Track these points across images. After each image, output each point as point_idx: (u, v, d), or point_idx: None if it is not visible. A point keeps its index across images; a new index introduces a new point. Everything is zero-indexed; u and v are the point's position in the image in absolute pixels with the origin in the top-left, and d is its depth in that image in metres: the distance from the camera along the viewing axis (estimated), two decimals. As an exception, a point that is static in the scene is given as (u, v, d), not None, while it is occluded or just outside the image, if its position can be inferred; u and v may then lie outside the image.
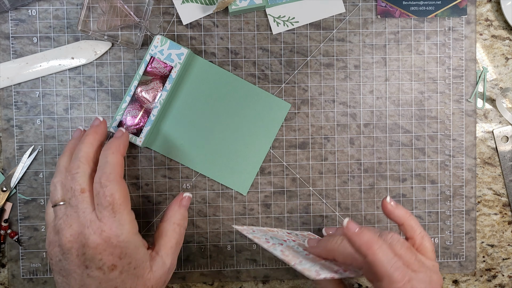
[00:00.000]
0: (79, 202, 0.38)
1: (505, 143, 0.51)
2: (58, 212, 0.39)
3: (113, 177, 0.38)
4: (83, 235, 0.37)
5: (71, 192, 0.38)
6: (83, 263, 0.37)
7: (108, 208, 0.38)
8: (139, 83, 0.46)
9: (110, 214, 0.38)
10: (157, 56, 0.46)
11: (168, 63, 0.46)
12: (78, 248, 0.37)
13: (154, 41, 0.46)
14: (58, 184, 0.40)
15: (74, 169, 0.39)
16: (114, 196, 0.38)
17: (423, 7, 0.50)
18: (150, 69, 0.46)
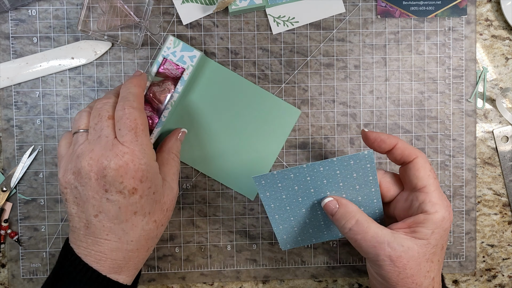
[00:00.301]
0: (104, 127, 0.38)
1: (505, 143, 0.51)
2: (79, 138, 0.39)
3: (136, 105, 0.39)
4: (104, 157, 0.37)
5: (98, 118, 0.39)
6: (103, 187, 0.37)
7: (131, 132, 0.38)
8: (151, 84, 0.46)
9: (133, 138, 0.38)
10: (170, 58, 0.46)
11: (181, 65, 0.46)
12: (98, 171, 0.37)
13: (167, 43, 0.45)
14: (84, 113, 0.40)
15: (105, 99, 0.40)
16: (137, 122, 0.38)
17: (423, 7, 0.50)
18: (162, 70, 0.46)
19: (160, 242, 0.49)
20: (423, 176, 0.40)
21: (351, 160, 0.39)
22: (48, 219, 0.49)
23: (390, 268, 0.38)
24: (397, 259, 0.37)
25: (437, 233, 0.38)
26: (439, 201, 0.39)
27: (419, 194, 0.40)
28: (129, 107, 0.39)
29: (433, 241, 0.38)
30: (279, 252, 0.50)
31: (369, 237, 0.38)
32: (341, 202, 0.40)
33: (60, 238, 0.49)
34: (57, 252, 0.49)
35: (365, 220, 0.39)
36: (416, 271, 0.38)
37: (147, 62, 0.49)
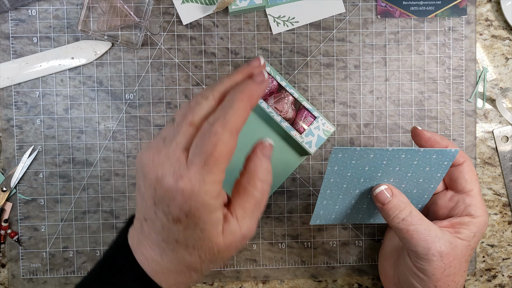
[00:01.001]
0: (180, 132, 0.32)
1: (505, 143, 0.51)
2: (167, 127, 0.33)
3: (229, 126, 0.31)
4: (162, 168, 0.31)
5: (180, 118, 0.33)
6: (153, 197, 0.32)
7: (202, 157, 0.31)
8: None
9: (199, 165, 0.31)
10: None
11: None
12: (152, 178, 0.32)
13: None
14: (190, 102, 0.34)
15: (199, 98, 0.33)
16: (216, 148, 0.31)
17: (423, 7, 0.50)
18: None
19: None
20: (471, 179, 0.41)
21: (434, 154, 0.39)
22: (48, 219, 0.49)
23: (438, 263, 0.38)
24: (446, 256, 0.38)
25: (477, 236, 0.40)
26: (483, 206, 0.41)
27: (466, 197, 0.41)
28: (219, 126, 0.31)
29: (473, 243, 0.40)
30: (279, 252, 0.50)
31: (422, 230, 0.38)
32: (395, 192, 0.40)
33: (60, 238, 0.49)
34: (57, 252, 0.49)
35: (418, 213, 0.39)
36: (458, 270, 0.39)
37: (147, 62, 0.49)
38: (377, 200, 0.40)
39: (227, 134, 0.31)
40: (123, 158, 0.49)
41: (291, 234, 0.50)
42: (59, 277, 0.49)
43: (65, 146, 0.49)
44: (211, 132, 0.31)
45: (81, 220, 0.49)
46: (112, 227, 0.49)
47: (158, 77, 0.49)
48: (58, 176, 0.49)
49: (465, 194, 0.41)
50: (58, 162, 0.49)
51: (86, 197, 0.49)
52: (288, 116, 0.48)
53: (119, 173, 0.49)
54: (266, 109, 0.47)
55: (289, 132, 0.47)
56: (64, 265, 0.49)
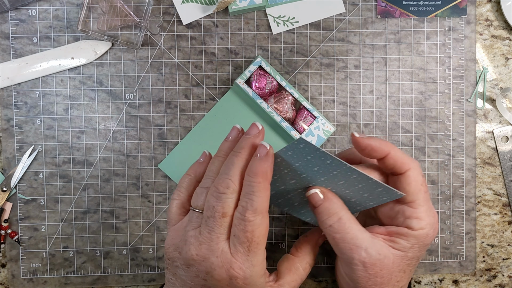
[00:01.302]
0: (216, 225, 0.34)
1: (505, 143, 0.51)
2: (194, 218, 0.36)
3: (260, 209, 0.34)
4: (210, 263, 0.34)
5: (211, 211, 0.35)
6: (202, 284, 0.35)
7: (245, 244, 0.34)
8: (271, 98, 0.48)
9: (245, 252, 0.34)
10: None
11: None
12: (200, 270, 0.35)
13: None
14: (204, 191, 0.36)
15: (222, 188, 0.35)
16: (254, 233, 0.34)
17: (423, 7, 0.50)
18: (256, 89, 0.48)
19: (160, 242, 0.49)
20: (413, 191, 0.37)
21: (381, 188, 0.37)
22: (48, 219, 0.49)
23: (361, 273, 0.36)
24: (370, 266, 0.36)
25: (416, 247, 0.37)
26: (426, 217, 0.38)
27: (406, 209, 0.38)
28: (250, 215, 0.34)
29: (411, 254, 0.37)
30: (279, 252, 0.50)
31: (348, 238, 0.36)
32: (327, 195, 0.37)
33: (60, 238, 0.49)
34: (57, 252, 0.49)
35: (348, 219, 0.37)
36: (387, 280, 0.37)
37: (147, 62, 0.49)
38: (310, 203, 0.38)
39: (259, 218, 0.34)
40: (123, 158, 0.49)
41: (291, 234, 0.50)
42: (59, 277, 0.49)
43: (65, 146, 0.49)
44: (245, 221, 0.34)
45: (81, 220, 0.49)
46: (112, 227, 0.49)
47: (158, 77, 0.49)
48: (58, 176, 0.49)
49: (407, 205, 0.38)
50: (58, 162, 0.49)
51: (86, 197, 0.49)
52: (288, 116, 0.48)
53: (119, 173, 0.49)
54: (266, 109, 0.47)
55: (289, 132, 0.47)
56: (64, 265, 0.49)
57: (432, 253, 0.51)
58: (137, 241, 0.49)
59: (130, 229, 0.49)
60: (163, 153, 0.49)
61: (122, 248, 0.49)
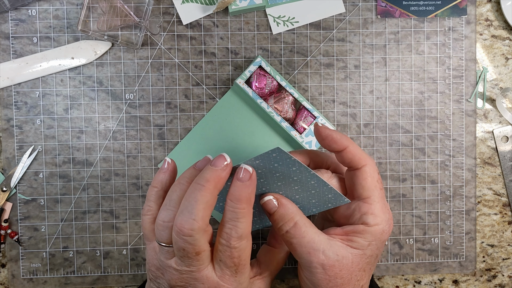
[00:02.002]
0: (193, 261, 0.34)
1: (505, 143, 0.51)
2: (164, 252, 0.35)
3: (244, 236, 0.34)
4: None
5: (184, 253, 0.34)
6: None
7: (232, 269, 0.34)
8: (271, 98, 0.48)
9: (232, 274, 0.35)
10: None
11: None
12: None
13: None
14: (166, 226, 0.35)
15: (186, 230, 0.33)
16: (241, 258, 0.34)
17: (423, 7, 0.50)
18: (256, 89, 0.48)
19: (160, 242, 0.49)
20: (369, 187, 0.38)
21: (331, 194, 0.38)
22: (48, 219, 0.49)
23: (321, 276, 0.37)
24: (329, 268, 0.36)
25: (374, 244, 0.38)
26: (381, 214, 0.38)
27: (362, 205, 0.38)
28: (235, 242, 0.34)
29: (369, 251, 0.38)
30: (279, 252, 0.50)
31: (305, 243, 0.36)
32: (281, 201, 0.37)
33: (60, 238, 0.49)
34: (57, 252, 0.49)
35: (304, 224, 0.37)
36: (347, 280, 0.37)
37: (147, 62, 0.49)
38: (265, 210, 0.38)
39: (244, 242, 0.34)
40: (123, 158, 0.49)
41: (291, 234, 0.50)
42: (59, 277, 0.49)
43: (65, 146, 0.49)
44: (231, 247, 0.34)
45: (81, 220, 0.49)
46: (112, 227, 0.49)
47: (158, 77, 0.49)
48: (58, 176, 0.49)
49: (362, 201, 0.38)
50: (58, 162, 0.49)
51: (86, 197, 0.49)
52: (288, 116, 0.48)
53: (119, 173, 0.49)
54: (266, 109, 0.47)
55: (289, 132, 0.47)
56: (64, 265, 0.49)
57: (432, 253, 0.51)
58: (137, 241, 0.49)
59: (130, 229, 0.49)
60: (163, 153, 0.49)
61: (122, 248, 0.49)
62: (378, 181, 0.38)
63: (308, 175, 0.37)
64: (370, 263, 0.38)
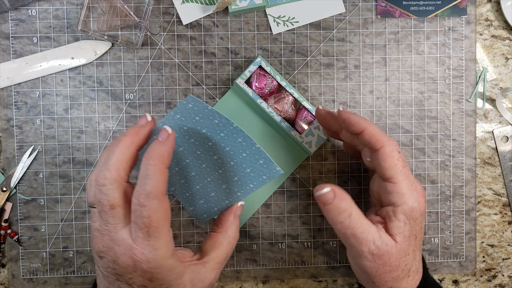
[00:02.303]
0: (109, 217, 0.35)
1: (505, 143, 0.51)
2: (92, 215, 0.36)
3: (153, 195, 0.34)
4: (113, 252, 0.35)
5: (101, 206, 0.35)
6: (115, 274, 0.35)
7: (144, 230, 0.34)
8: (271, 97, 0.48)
9: (144, 237, 0.34)
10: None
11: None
12: (108, 260, 0.35)
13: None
14: (92, 184, 0.35)
15: (101, 179, 0.35)
16: (151, 218, 0.34)
17: (423, 7, 0.50)
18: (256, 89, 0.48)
19: (160, 242, 0.49)
20: (389, 166, 0.39)
21: (263, 160, 0.37)
22: (48, 219, 0.49)
23: (371, 263, 0.38)
24: (379, 257, 0.38)
25: (408, 223, 0.39)
26: (408, 191, 0.39)
27: (387, 184, 0.39)
28: (144, 200, 0.33)
29: (407, 232, 0.39)
30: (279, 252, 0.50)
31: (359, 234, 0.38)
32: (337, 192, 0.38)
33: (60, 238, 0.49)
34: (57, 252, 0.49)
35: (358, 215, 0.38)
36: (395, 267, 0.39)
37: (147, 62, 0.49)
38: (320, 202, 0.39)
39: (155, 202, 0.34)
40: (123, 158, 0.49)
41: (291, 234, 0.50)
42: (59, 277, 0.49)
43: (65, 146, 0.49)
44: (140, 206, 0.33)
45: (81, 220, 0.49)
46: (112, 227, 0.49)
47: (158, 77, 0.49)
48: (58, 176, 0.49)
49: (387, 181, 0.39)
50: (58, 162, 0.49)
51: (86, 197, 0.49)
52: (288, 116, 0.48)
53: (119, 173, 0.49)
54: (266, 109, 0.47)
55: (289, 132, 0.47)
56: (64, 265, 0.49)
57: (432, 253, 0.51)
58: (137, 241, 0.49)
59: (130, 229, 0.49)
60: (163, 153, 0.49)
61: (122, 248, 0.49)
62: (398, 160, 0.39)
63: (232, 129, 0.36)
64: (411, 244, 0.39)
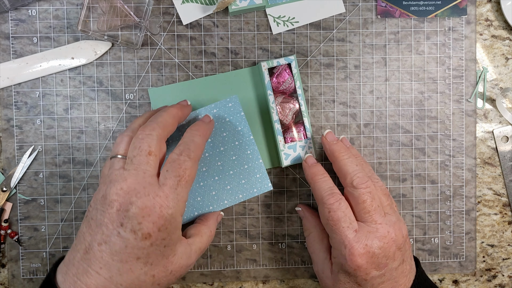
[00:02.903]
0: (142, 162, 0.37)
1: (505, 143, 0.51)
2: (115, 163, 0.38)
3: (193, 156, 0.39)
4: (135, 192, 0.36)
5: (137, 151, 0.37)
6: (121, 219, 0.35)
7: (176, 179, 0.37)
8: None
9: (173, 185, 0.37)
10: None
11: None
12: (123, 203, 0.35)
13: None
14: (126, 138, 0.39)
15: (148, 130, 0.38)
16: (186, 172, 0.38)
17: (423, 7, 0.50)
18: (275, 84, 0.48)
19: (160, 242, 0.49)
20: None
21: (258, 174, 0.45)
22: (48, 219, 0.49)
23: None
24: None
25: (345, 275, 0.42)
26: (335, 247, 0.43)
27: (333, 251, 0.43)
28: (186, 155, 0.38)
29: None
30: (279, 252, 0.50)
31: (313, 255, 0.47)
32: (305, 214, 0.48)
33: (60, 238, 0.49)
34: (57, 252, 0.49)
35: (314, 238, 0.46)
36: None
37: (147, 62, 0.49)
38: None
39: (192, 162, 0.38)
40: (123, 158, 0.49)
41: (291, 234, 0.50)
42: (59, 277, 0.49)
43: (65, 146, 0.49)
44: (180, 160, 0.38)
45: (81, 220, 0.49)
46: (112, 227, 0.49)
47: (158, 77, 0.49)
48: (58, 176, 0.49)
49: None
50: (58, 162, 0.49)
51: (86, 197, 0.49)
52: (285, 122, 0.48)
53: (119, 173, 0.49)
54: (270, 102, 0.46)
55: (276, 135, 0.47)
56: (64, 265, 0.49)
57: (432, 253, 0.51)
58: (137, 241, 0.49)
59: (130, 229, 0.49)
60: (163, 153, 0.49)
61: (122, 248, 0.49)
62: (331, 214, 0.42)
63: (247, 140, 0.44)
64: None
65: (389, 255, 0.40)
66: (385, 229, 0.41)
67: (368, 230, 0.40)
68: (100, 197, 0.37)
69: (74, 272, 0.36)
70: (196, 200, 0.46)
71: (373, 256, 0.40)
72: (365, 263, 0.40)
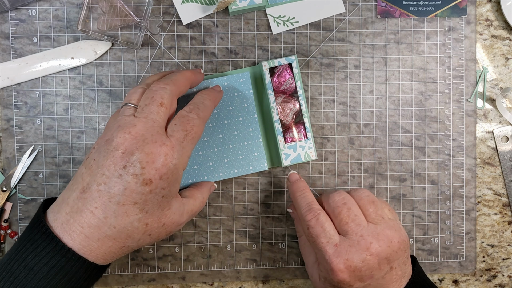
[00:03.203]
0: (153, 111, 0.37)
1: (505, 143, 0.51)
2: (126, 111, 0.38)
3: (202, 115, 0.40)
4: (143, 138, 0.36)
5: (149, 100, 0.38)
6: (124, 162, 0.35)
7: (183, 133, 0.38)
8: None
9: (180, 138, 0.38)
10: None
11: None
12: (128, 147, 0.35)
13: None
14: (139, 89, 0.40)
15: (162, 83, 0.39)
16: (194, 128, 0.38)
17: (423, 7, 0.50)
18: (276, 84, 0.48)
19: (160, 242, 0.49)
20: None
21: (257, 151, 0.47)
22: (48, 219, 0.49)
23: None
24: None
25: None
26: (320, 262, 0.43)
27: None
28: (195, 114, 0.39)
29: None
30: (279, 252, 0.50)
31: (304, 256, 0.47)
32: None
33: (60, 238, 0.49)
34: (57, 252, 0.49)
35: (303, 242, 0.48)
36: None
37: (147, 62, 0.49)
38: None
39: (200, 121, 0.39)
40: (123, 158, 0.49)
41: (291, 234, 0.50)
42: (59, 277, 0.49)
43: (65, 146, 0.49)
44: (189, 117, 0.39)
45: (81, 220, 0.49)
46: (112, 227, 0.49)
47: (158, 77, 0.49)
48: (58, 176, 0.49)
49: None
50: (58, 162, 0.49)
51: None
52: (285, 122, 0.48)
53: (119, 173, 0.49)
54: (271, 102, 0.46)
55: (277, 135, 0.47)
56: (64, 265, 0.49)
57: (432, 253, 0.51)
58: (137, 241, 0.49)
59: (130, 229, 0.49)
60: (163, 153, 0.49)
61: (122, 248, 0.49)
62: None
63: (251, 118, 0.46)
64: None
65: (373, 267, 0.39)
66: (367, 241, 0.39)
67: (349, 243, 0.40)
68: (104, 141, 0.37)
69: (68, 211, 0.36)
70: (193, 168, 0.46)
71: (355, 270, 0.39)
72: (347, 277, 0.39)
